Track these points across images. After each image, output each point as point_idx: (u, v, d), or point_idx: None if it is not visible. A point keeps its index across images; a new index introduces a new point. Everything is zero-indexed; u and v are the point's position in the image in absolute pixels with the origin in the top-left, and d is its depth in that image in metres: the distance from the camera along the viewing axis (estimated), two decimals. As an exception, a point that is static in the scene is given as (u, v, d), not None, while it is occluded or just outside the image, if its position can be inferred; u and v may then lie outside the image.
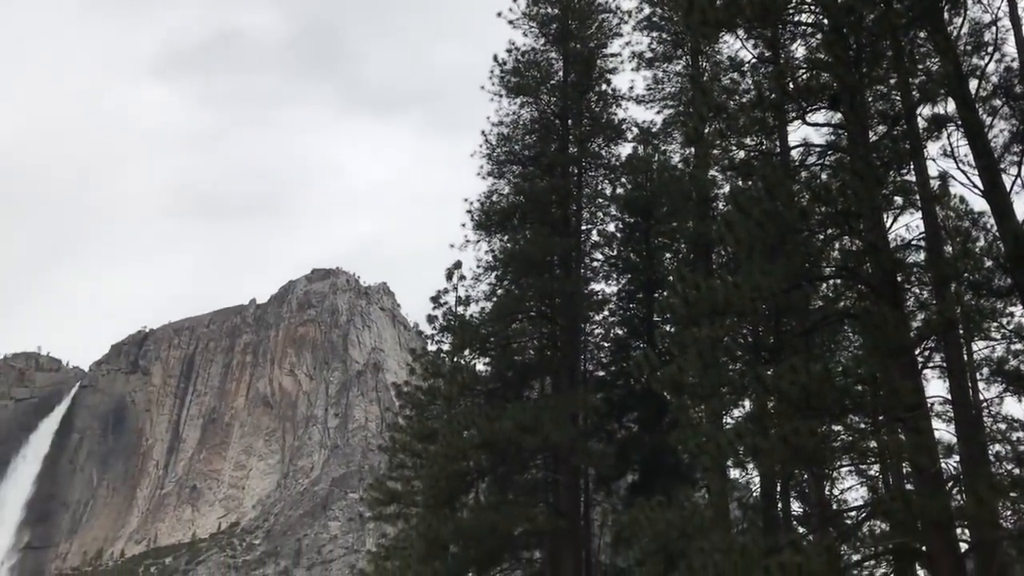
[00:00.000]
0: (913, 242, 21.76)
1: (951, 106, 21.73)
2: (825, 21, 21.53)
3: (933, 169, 22.37)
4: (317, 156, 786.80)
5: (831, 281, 23.79)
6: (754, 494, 27.92)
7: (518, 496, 35.19)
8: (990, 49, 22.67)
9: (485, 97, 37.57)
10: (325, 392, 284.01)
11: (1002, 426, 26.42)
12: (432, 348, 38.72)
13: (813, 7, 21.89)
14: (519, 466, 35.09)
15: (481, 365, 37.40)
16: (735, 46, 26.56)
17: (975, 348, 25.82)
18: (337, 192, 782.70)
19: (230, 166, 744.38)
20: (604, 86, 38.41)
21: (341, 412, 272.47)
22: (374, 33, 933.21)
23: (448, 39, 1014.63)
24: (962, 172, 21.84)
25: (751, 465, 23.25)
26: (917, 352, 20.54)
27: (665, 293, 30.23)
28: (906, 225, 22.05)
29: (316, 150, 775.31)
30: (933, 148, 22.42)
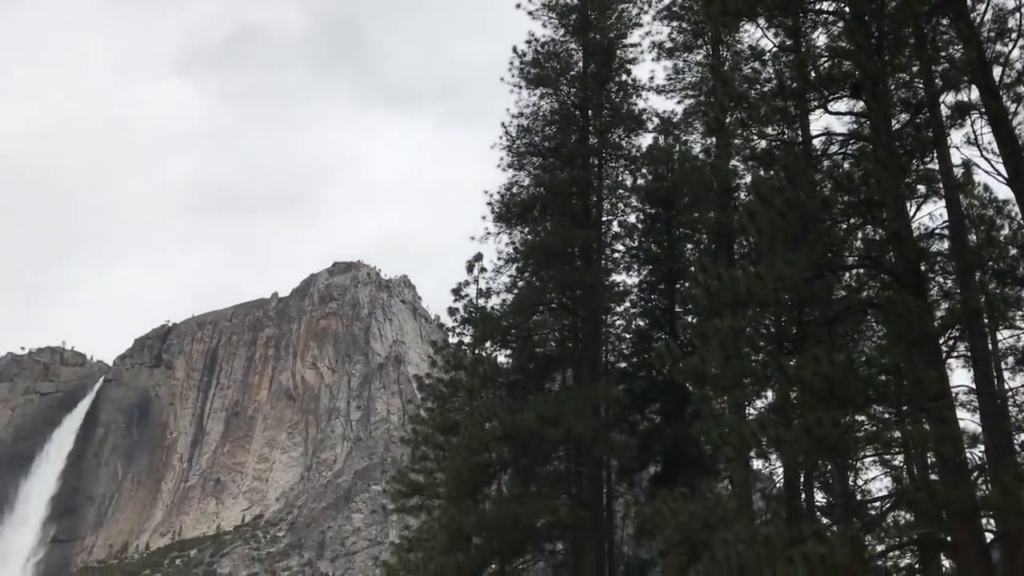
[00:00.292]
0: (937, 231, 21.65)
1: (975, 93, 21.50)
2: (847, 9, 21.40)
3: (956, 157, 22.25)
4: (337, 150, 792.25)
5: (854, 270, 23.63)
6: (777, 485, 27.91)
7: (540, 488, 35.21)
8: (1014, 35, 22.41)
9: (505, 89, 37.53)
10: (347, 385, 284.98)
11: (1028, 415, 26.29)
12: (453, 340, 38.80)
13: (834, -5, 21.76)
14: (541, 458, 35.10)
15: (502, 357, 37.47)
16: (756, 35, 26.55)
17: (1000, 337, 25.76)
18: (357, 186, 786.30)
19: (251, 161, 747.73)
20: (624, 76, 38.30)
21: (363, 405, 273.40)
22: (393, 27, 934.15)
23: (467, 32, 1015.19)
24: (986, 160, 21.62)
25: (774, 456, 23.25)
26: (941, 341, 20.36)
27: (687, 284, 30.03)
28: (929, 214, 21.97)
29: (336, 144, 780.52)
30: (956, 136, 22.25)
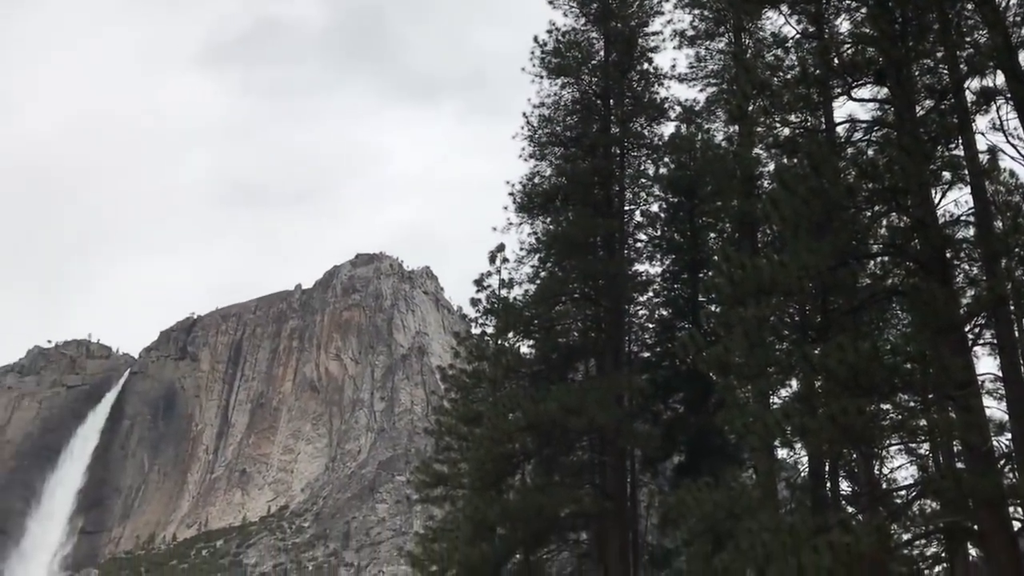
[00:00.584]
0: (962, 218, 21.45)
1: (1000, 79, 21.26)
2: (870, -6, 21.23)
3: (982, 143, 21.98)
4: (359, 143, 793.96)
5: (879, 258, 23.49)
6: (802, 474, 27.84)
7: (564, 478, 35.23)
8: (1040, 20, 22.21)
9: (526, 80, 37.44)
10: (371, 376, 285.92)
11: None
12: (476, 331, 38.77)
13: (857, -20, 21.61)
14: (565, 448, 35.11)
15: (525, 347, 37.53)
16: (778, 22, 26.24)
17: (1026, 324, 25.49)
18: (379, 178, 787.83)
19: (274, 154, 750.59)
20: (646, 65, 38.10)
21: (387, 396, 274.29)
22: (414, 19, 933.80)
23: (489, 23, 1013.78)
24: (1012, 146, 21.39)
25: (799, 445, 23.18)
26: (967, 329, 20.24)
27: (710, 273, 30.00)
28: (955, 200, 21.78)
29: (358, 137, 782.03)
30: (982, 122, 21.99)
